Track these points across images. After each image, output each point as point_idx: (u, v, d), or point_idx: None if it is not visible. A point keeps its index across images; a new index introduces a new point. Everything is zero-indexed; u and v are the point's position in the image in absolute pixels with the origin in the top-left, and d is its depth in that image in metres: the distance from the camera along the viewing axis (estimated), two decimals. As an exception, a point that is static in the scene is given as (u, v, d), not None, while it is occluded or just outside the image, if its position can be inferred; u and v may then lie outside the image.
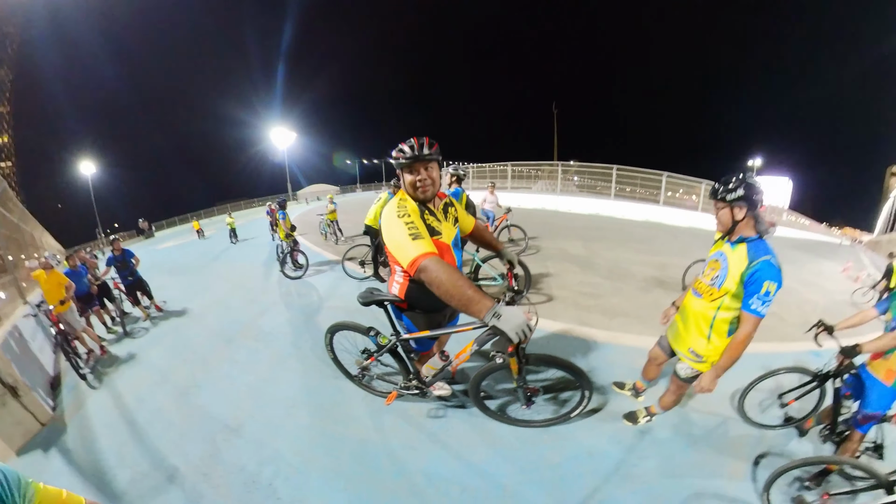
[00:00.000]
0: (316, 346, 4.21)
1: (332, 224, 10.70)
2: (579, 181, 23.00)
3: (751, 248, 1.95)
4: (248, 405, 3.37)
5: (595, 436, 2.73)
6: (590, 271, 7.04)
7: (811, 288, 8.86)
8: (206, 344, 4.76)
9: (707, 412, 3.06)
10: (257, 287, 7.05)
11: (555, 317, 4.75)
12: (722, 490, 2.36)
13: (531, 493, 2.31)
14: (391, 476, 2.45)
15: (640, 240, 11.45)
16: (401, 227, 1.79)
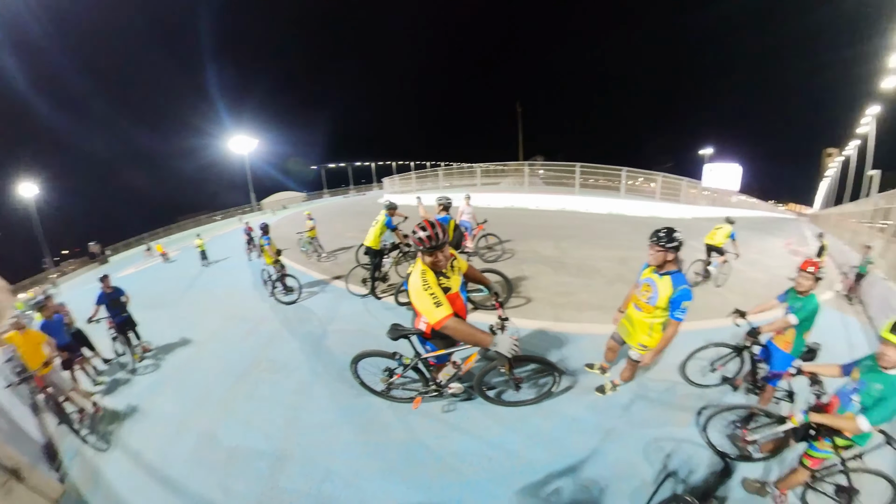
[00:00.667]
0: (334, 371, 4.32)
1: (312, 241, 10.39)
2: (544, 175, 23.91)
3: (673, 279, 2.86)
4: (288, 434, 3.47)
5: (576, 406, 3.62)
6: (561, 271, 7.82)
7: (755, 266, 10.05)
8: (217, 383, 4.49)
9: (659, 379, 4.08)
10: (252, 316, 6.52)
11: (534, 316, 5.49)
12: (674, 434, 3.32)
13: (536, 454, 3.11)
14: (432, 462, 3.05)
15: (604, 235, 12.49)
16: (426, 298, 2.47)
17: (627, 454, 3.08)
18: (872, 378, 2.19)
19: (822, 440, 2.33)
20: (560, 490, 2.79)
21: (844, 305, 7.39)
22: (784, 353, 3.26)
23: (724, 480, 2.86)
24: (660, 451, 3.12)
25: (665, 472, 2.92)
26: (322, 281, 7.96)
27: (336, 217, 19.34)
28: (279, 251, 7.11)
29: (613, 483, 2.82)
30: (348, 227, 14.90)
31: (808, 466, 2.46)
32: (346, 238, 12.09)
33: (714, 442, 3.15)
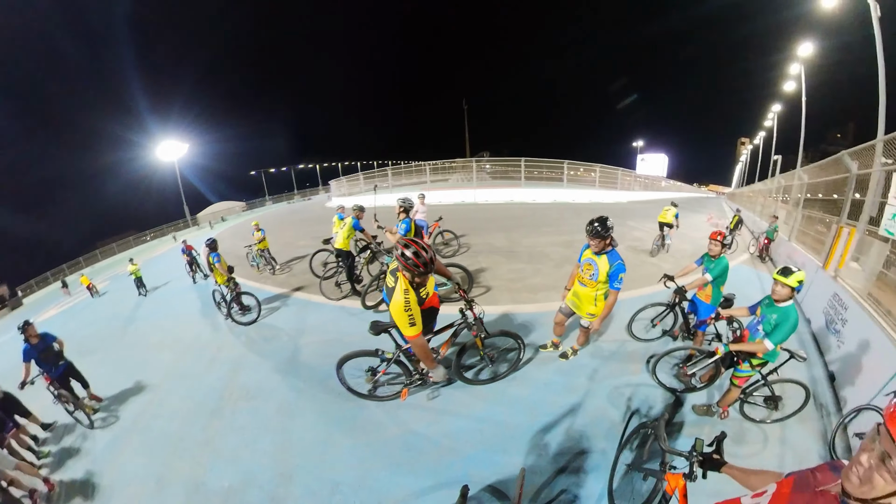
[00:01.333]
0: (316, 383, 4.17)
1: (263, 253, 9.58)
2: (491, 170, 24.72)
3: (609, 257, 3.38)
4: (283, 459, 3.29)
5: (545, 372, 4.08)
6: (514, 259, 8.34)
7: (682, 239, 11.29)
8: (189, 425, 3.96)
9: (611, 340, 4.76)
10: (210, 344, 5.76)
11: (495, 302, 5.93)
12: (631, 381, 3.95)
13: (520, 419, 3.44)
14: (430, 447, 3.21)
15: (550, 223, 13.24)
16: (405, 317, 2.79)
17: (596, 403, 3.61)
18: (770, 311, 2.92)
19: (742, 363, 3.08)
20: (548, 443, 3.15)
21: (758, 263, 9.00)
22: (706, 304, 4.06)
23: (678, 409, 3.56)
24: (621, 396, 3.72)
25: (629, 411, 3.50)
26: (281, 295, 7.39)
27: (284, 225, 18.64)
28: (231, 268, 6.54)
29: (589, 428, 3.30)
30: (299, 234, 14.41)
31: (738, 385, 3.17)
32: (298, 247, 11.63)
33: (663, 381, 3.82)
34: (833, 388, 3.92)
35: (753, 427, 3.36)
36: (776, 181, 14.97)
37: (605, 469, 2.79)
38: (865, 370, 3.58)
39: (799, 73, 16.87)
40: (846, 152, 5.96)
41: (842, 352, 4.14)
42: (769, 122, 30.63)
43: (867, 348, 3.68)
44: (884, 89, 6.99)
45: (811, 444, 3.21)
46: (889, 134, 4.54)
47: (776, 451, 3.15)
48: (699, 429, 3.34)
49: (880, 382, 3.18)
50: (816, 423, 3.44)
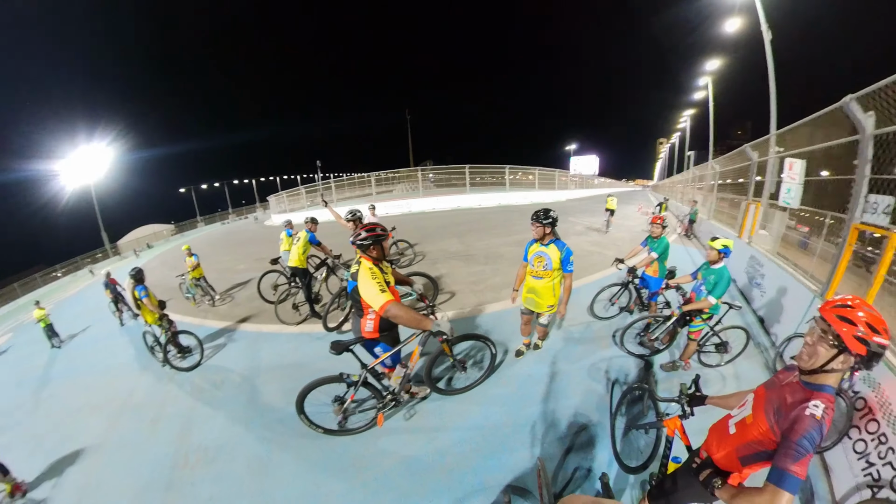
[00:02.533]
0: (288, 426, 3.53)
1: (199, 282, 8.38)
2: (435, 178, 24.98)
3: (557, 244, 3.53)
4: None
5: (523, 367, 4.15)
6: (471, 262, 8.46)
7: (619, 229, 12.41)
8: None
9: (577, 324, 5.08)
10: (149, 399, 4.70)
11: (461, 306, 5.93)
12: (604, 356, 4.27)
13: (512, 415, 3.40)
14: (435, 466, 2.94)
15: (498, 225, 13.69)
16: (373, 284, 2.65)
17: (578, 382, 3.83)
18: (707, 273, 3.52)
19: (695, 319, 3.64)
20: (548, 430, 3.19)
21: (686, 241, 10.49)
22: (655, 278, 4.66)
23: (650, 370, 4.03)
24: (599, 371, 4.01)
25: (610, 382, 3.82)
26: (226, 329, 6.44)
27: (220, 249, 17.13)
28: (162, 303, 5.46)
29: (581, 406, 3.46)
30: (238, 258, 13.29)
31: (694, 338, 3.75)
32: (239, 272, 10.65)
33: (632, 350, 4.24)
34: (764, 328, 4.84)
35: (712, 372, 3.95)
36: (692, 172, 17.19)
37: (605, 438, 3.02)
38: (786, 309, 4.49)
39: (706, 84, 20.10)
40: (748, 145, 7.44)
41: (765, 299, 5.09)
42: (682, 124, 36.13)
43: (784, 293, 4.61)
44: (774, 94, 8.89)
45: (759, 374, 3.91)
46: (779, 129, 5.72)
47: (733, 385, 3.76)
48: (670, 383, 3.81)
49: (799, 315, 4.04)
50: (758, 356, 4.20)
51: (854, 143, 3.55)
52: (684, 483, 1.78)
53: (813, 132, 4.57)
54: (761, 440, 1.45)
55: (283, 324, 6.03)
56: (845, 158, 3.79)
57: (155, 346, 5.63)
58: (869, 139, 3.30)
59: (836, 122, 3.84)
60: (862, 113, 3.32)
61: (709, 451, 1.73)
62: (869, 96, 3.20)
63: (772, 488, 1.25)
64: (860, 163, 3.44)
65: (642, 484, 2.62)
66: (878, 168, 3.30)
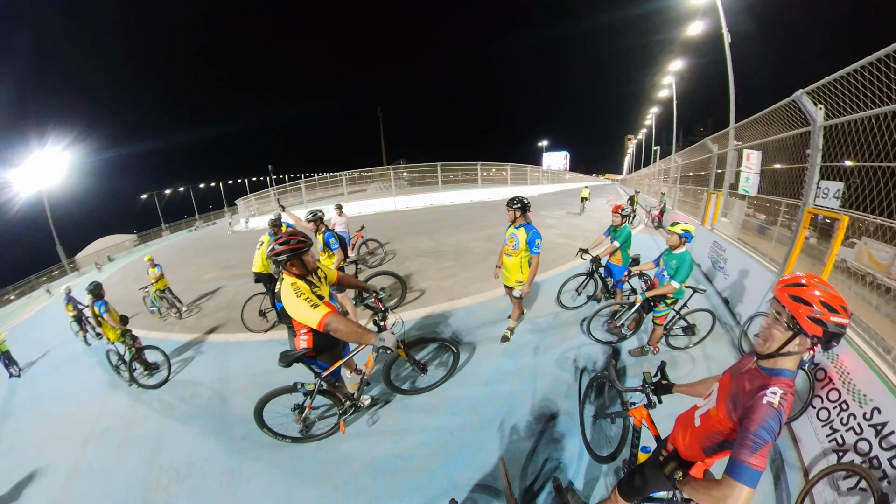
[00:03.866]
0: (255, 437, 3.49)
1: (163, 294, 8.00)
2: (408, 176, 24.90)
3: (526, 228, 3.81)
4: None
5: (492, 360, 4.18)
6: (441, 258, 8.45)
7: (588, 220, 12.77)
8: None
9: (545, 314, 5.12)
10: (117, 422, 4.53)
11: (431, 303, 5.89)
12: (571, 345, 4.33)
13: (483, 410, 3.41)
14: (405, 465, 2.94)
15: (469, 220, 13.74)
16: (301, 304, 2.42)
17: (547, 373, 3.87)
18: (669, 258, 3.54)
19: (659, 304, 3.66)
20: (517, 424, 3.21)
21: (653, 231, 10.96)
22: (619, 266, 4.71)
23: (617, 356, 4.09)
24: (567, 360, 4.06)
25: (578, 370, 3.86)
26: (194, 341, 6.24)
27: (187, 258, 16.38)
28: (124, 318, 5.29)
29: (550, 396, 3.52)
30: (205, 266, 12.71)
31: (659, 323, 3.77)
32: (206, 282, 10.18)
33: (599, 338, 4.29)
34: (729, 309, 5.05)
35: (681, 354, 4.05)
36: (658, 166, 17.87)
37: (575, 427, 3.06)
38: (748, 290, 4.72)
39: (670, 83, 21.24)
40: (708, 139, 7.75)
41: (728, 282, 5.33)
42: (649, 121, 37.81)
43: (746, 274, 4.84)
44: (733, 91, 9.32)
45: (727, 353, 4.06)
46: (738, 123, 6.01)
47: (703, 366, 3.88)
48: (640, 367, 3.86)
49: (761, 294, 4.28)
50: (725, 336, 4.38)
51: (806, 134, 3.78)
52: (652, 475, 1.74)
53: (768, 129, 4.79)
54: (722, 430, 1.42)
55: (250, 332, 5.86)
56: (797, 150, 4.04)
57: (120, 364, 5.38)
58: (819, 130, 3.52)
59: (790, 117, 4.07)
60: (812, 106, 3.52)
61: (675, 442, 1.70)
62: (818, 91, 3.39)
63: (729, 481, 1.19)
64: (812, 151, 3.64)
65: (616, 471, 2.64)
66: (827, 156, 3.52)
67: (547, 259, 7.44)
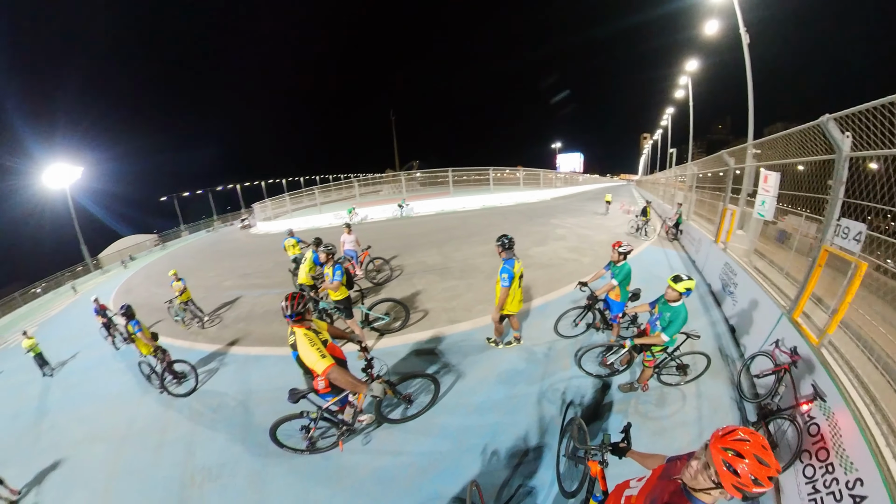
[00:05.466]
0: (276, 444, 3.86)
1: (187, 305, 8.45)
2: (421, 179, 25.10)
3: (505, 262, 4.30)
4: None
5: (487, 386, 4.37)
6: (447, 276, 8.50)
7: (598, 230, 12.50)
8: None
9: (543, 342, 5.16)
10: (152, 426, 4.91)
11: (432, 325, 6.00)
12: (563, 377, 4.39)
13: (470, 435, 3.66)
14: (400, 474, 3.38)
15: (479, 231, 13.65)
16: (313, 352, 2.94)
17: (535, 403, 3.99)
18: (664, 309, 3.44)
19: (645, 353, 3.71)
20: (499, 449, 3.45)
21: (666, 243, 10.54)
22: (617, 301, 4.66)
23: (607, 391, 4.11)
24: (556, 391, 4.14)
25: (565, 403, 3.90)
26: (217, 353, 6.56)
27: (205, 262, 16.80)
28: (155, 335, 5.88)
29: (534, 427, 3.67)
30: (224, 273, 12.87)
31: (648, 366, 3.79)
32: (225, 290, 10.49)
33: (591, 371, 4.32)
34: (735, 338, 4.87)
35: (672, 390, 4.00)
36: (673, 171, 17.61)
37: (552, 458, 3.26)
38: (755, 323, 4.49)
39: (687, 83, 20.72)
40: (724, 152, 7.44)
41: (737, 308, 5.11)
42: (665, 122, 36.96)
43: (756, 306, 4.62)
44: (752, 98, 9.12)
45: (722, 391, 3.96)
46: (756, 139, 5.79)
47: (694, 404, 3.81)
48: (626, 404, 3.90)
49: (766, 331, 4.06)
50: (724, 371, 4.26)
51: (829, 162, 3.49)
52: None
53: (788, 148, 4.53)
54: None
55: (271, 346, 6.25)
56: (820, 179, 3.80)
57: (152, 375, 5.84)
58: (845, 160, 3.21)
59: (813, 141, 3.80)
60: (839, 133, 3.20)
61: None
62: (847, 118, 3.07)
63: None
64: (835, 184, 3.33)
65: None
66: (850, 191, 3.21)
67: (552, 278, 7.55)
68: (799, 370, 3.19)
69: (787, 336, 3.61)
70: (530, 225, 13.47)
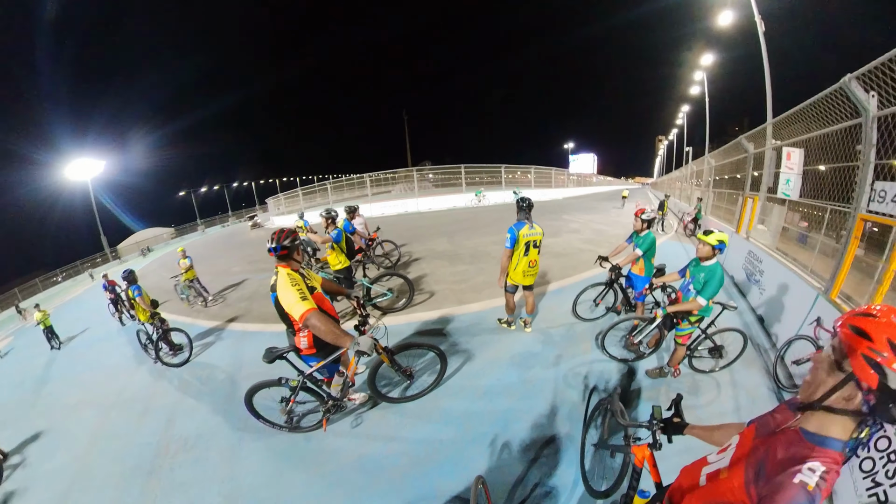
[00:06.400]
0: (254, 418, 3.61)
1: (192, 283, 8.52)
2: (433, 178, 25.08)
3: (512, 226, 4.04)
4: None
5: (498, 368, 3.99)
6: (457, 261, 8.33)
7: (615, 226, 12.19)
8: (125, 492, 3.31)
9: (559, 325, 4.80)
10: (140, 394, 4.95)
11: (439, 306, 5.73)
12: (584, 360, 4.00)
13: (477, 421, 3.23)
14: (390, 466, 2.91)
15: (491, 223, 13.53)
16: (293, 292, 2.48)
17: (554, 389, 3.57)
18: (697, 270, 3.11)
19: (682, 322, 3.24)
20: (511, 440, 2.99)
21: (684, 238, 10.29)
22: (641, 276, 4.27)
23: (633, 377, 3.66)
24: (577, 376, 3.71)
25: (587, 389, 3.48)
26: (215, 328, 6.60)
27: (217, 252, 17.18)
28: (155, 302, 5.87)
29: (552, 415, 3.22)
30: (233, 261, 13.23)
31: (682, 343, 3.34)
32: (233, 274, 10.73)
33: (614, 354, 3.92)
34: (764, 328, 4.50)
35: (705, 378, 3.60)
36: (690, 167, 17.10)
37: (574, 452, 2.77)
38: (787, 308, 4.14)
39: (702, 79, 19.78)
40: (743, 136, 7.04)
41: (765, 297, 4.78)
42: (680, 121, 35.74)
43: (785, 290, 4.27)
44: (769, 83, 8.56)
45: (758, 380, 3.56)
46: (775, 118, 5.36)
47: (730, 393, 3.40)
48: (656, 391, 3.44)
49: (802, 314, 3.69)
50: (758, 360, 3.86)
51: (856, 127, 3.21)
52: None
53: (810, 125, 4.26)
54: (733, 502, 1.07)
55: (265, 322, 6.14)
56: (846, 147, 3.52)
57: (148, 343, 5.83)
58: (872, 121, 2.95)
59: (836, 109, 3.57)
60: (863, 93, 2.96)
61: (674, 497, 1.38)
62: (870, 75, 2.83)
63: None
64: (864, 147, 3.09)
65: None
66: (883, 153, 2.95)
67: (566, 265, 7.29)
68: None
69: (827, 317, 3.29)
70: (542, 219, 12.98)
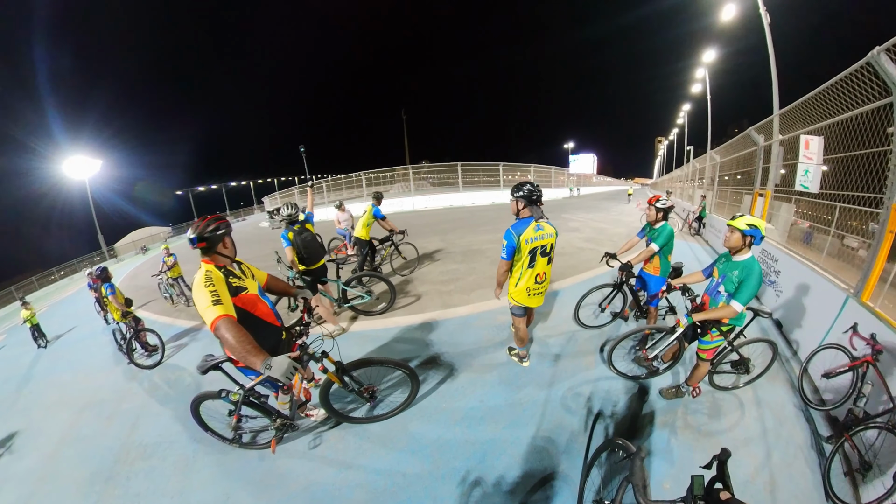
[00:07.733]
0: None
1: (176, 282, 8.26)
2: (431, 177, 24.85)
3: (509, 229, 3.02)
4: None
5: (483, 386, 3.42)
6: (448, 260, 7.96)
7: (616, 225, 11.94)
8: (81, 500, 3.11)
9: (558, 333, 4.23)
10: (111, 396, 4.79)
11: (423, 310, 5.27)
12: (586, 378, 3.40)
13: (454, 450, 2.74)
14: (330, 500, 2.54)
15: (486, 222, 13.22)
16: (205, 294, 2.08)
17: (549, 413, 2.98)
18: (729, 268, 2.52)
19: (710, 332, 2.67)
20: (486, 478, 2.49)
21: (688, 237, 10.04)
22: (656, 276, 3.64)
23: (644, 398, 3.07)
24: (578, 397, 3.13)
25: (591, 415, 2.90)
26: (192, 328, 6.38)
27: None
28: (129, 301, 5.64)
29: (546, 447, 2.68)
30: None
31: (706, 358, 2.79)
32: None
33: (623, 370, 3.35)
34: (783, 335, 3.99)
35: (726, 396, 3.10)
36: (691, 165, 16.68)
37: (571, 498, 2.22)
38: (810, 313, 3.66)
39: (704, 76, 19.10)
40: (752, 129, 6.62)
41: (782, 299, 4.29)
42: (681, 120, 35.12)
43: (806, 292, 3.79)
44: (775, 75, 8.17)
45: (783, 396, 3.09)
46: (785, 106, 5.03)
47: (754, 414, 2.93)
48: (672, 415, 2.87)
49: (829, 319, 3.19)
50: (780, 373, 3.35)
51: (887, 107, 2.86)
52: None
53: (828, 112, 3.86)
54: None
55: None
56: (873, 132, 3.15)
57: (122, 342, 5.68)
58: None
59: (860, 91, 3.20)
60: (894, 68, 2.64)
61: None
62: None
63: None
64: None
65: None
66: None
67: (566, 265, 6.84)
68: (884, 362, 2.48)
69: (863, 323, 2.85)
70: (541, 219, 12.81)
